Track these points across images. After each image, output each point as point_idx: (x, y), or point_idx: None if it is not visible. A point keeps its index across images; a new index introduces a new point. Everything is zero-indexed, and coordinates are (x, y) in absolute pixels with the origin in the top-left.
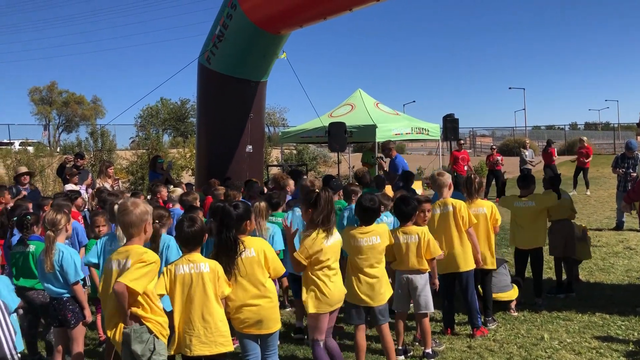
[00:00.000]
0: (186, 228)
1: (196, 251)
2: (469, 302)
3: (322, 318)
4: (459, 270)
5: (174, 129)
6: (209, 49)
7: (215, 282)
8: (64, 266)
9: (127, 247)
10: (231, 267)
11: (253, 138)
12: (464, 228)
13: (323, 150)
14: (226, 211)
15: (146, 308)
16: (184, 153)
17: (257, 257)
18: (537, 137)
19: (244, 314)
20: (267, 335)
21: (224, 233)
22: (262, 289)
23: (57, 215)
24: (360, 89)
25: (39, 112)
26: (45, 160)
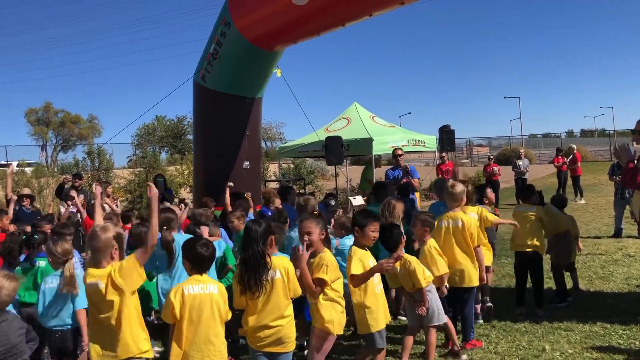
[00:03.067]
0: (201, 250)
1: (206, 273)
2: (465, 316)
3: (333, 340)
4: (462, 286)
5: (171, 146)
6: (204, 67)
7: (222, 305)
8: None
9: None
10: (258, 284)
11: (250, 154)
12: (472, 245)
13: (321, 164)
14: (251, 227)
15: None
16: (181, 170)
17: (282, 279)
18: (534, 146)
19: (264, 333)
20: (282, 354)
21: (251, 248)
22: (283, 309)
23: (65, 245)
24: (356, 103)
25: (35, 132)
26: (44, 181)
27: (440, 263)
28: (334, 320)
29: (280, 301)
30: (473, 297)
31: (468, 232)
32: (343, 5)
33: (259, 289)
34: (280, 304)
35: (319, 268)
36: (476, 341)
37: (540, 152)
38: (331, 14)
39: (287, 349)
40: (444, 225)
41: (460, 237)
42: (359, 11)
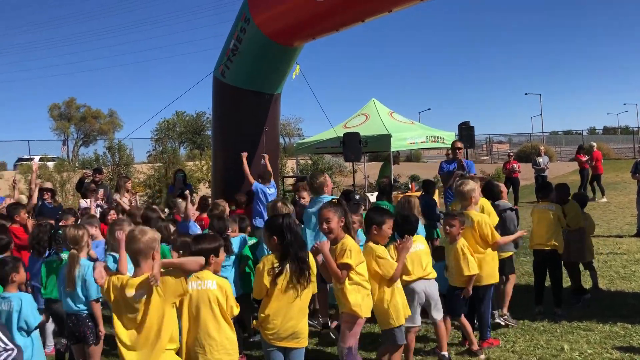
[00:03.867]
0: (192, 247)
1: (206, 269)
2: (482, 315)
3: (362, 323)
4: (476, 284)
5: (190, 141)
6: (224, 62)
7: (223, 300)
8: (88, 281)
9: (136, 279)
10: (305, 272)
11: (268, 150)
12: (489, 243)
13: (338, 160)
14: (290, 222)
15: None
16: (200, 165)
17: (313, 272)
18: (555, 143)
19: (279, 326)
20: (294, 350)
21: (298, 244)
22: (305, 306)
23: (78, 231)
24: (375, 99)
25: (57, 127)
26: (65, 175)
27: (472, 263)
28: (361, 303)
29: (307, 298)
30: (489, 295)
31: (480, 231)
32: (362, 1)
33: (307, 283)
34: (307, 301)
35: (342, 253)
36: (493, 340)
37: (562, 149)
38: (350, 10)
39: (301, 345)
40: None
41: (471, 236)
42: (379, 7)
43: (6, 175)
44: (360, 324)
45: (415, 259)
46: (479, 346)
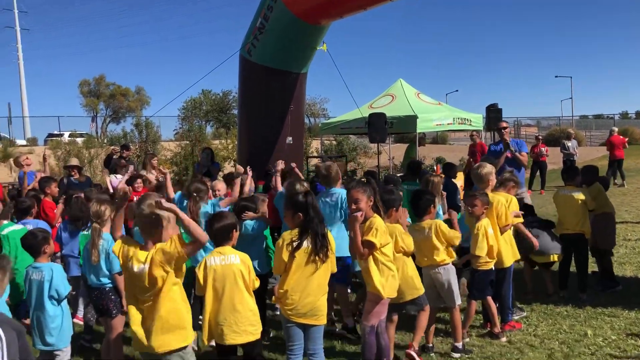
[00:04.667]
0: (211, 226)
1: (227, 244)
2: (502, 297)
3: (386, 303)
4: (498, 267)
5: (216, 120)
6: (250, 41)
7: (247, 273)
8: (111, 255)
9: (142, 252)
10: (325, 247)
11: (293, 129)
12: (500, 225)
13: (363, 141)
14: (312, 199)
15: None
16: (226, 144)
17: (331, 250)
18: (585, 127)
19: (297, 302)
20: (313, 327)
21: (318, 219)
22: (324, 283)
23: (101, 206)
24: (402, 79)
25: (87, 104)
26: (94, 151)
27: (481, 244)
28: (384, 284)
29: (326, 275)
30: (508, 277)
31: (495, 212)
32: None
33: (327, 258)
34: (325, 278)
35: (368, 231)
36: (515, 322)
37: (592, 133)
38: None
39: (320, 322)
40: None
41: (490, 218)
42: None
43: (37, 150)
44: (383, 304)
45: (428, 244)
46: (501, 329)
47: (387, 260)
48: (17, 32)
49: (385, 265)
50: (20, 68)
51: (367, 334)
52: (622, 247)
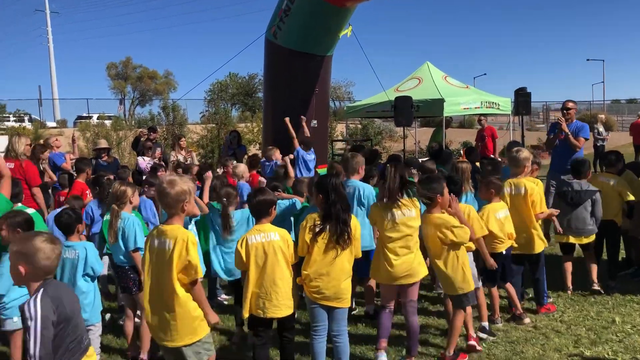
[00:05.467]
0: (252, 199)
1: (266, 221)
2: (538, 281)
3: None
4: (528, 252)
5: (242, 103)
6: (276, 23)
7: (286, 249)
8: (126, 232)
9: (166, 226)
10: (345, 233)
11: (318, 113)
12: (534, 212)
13: (389, 125)
14: (338, 182)
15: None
16: (251, 127)
17: (354, 236)
18: (617, 112)
19: (321, 284)
20: (337, 309)
21: (340, 203)
22: (347, 267)
23: (122, 187)
24: (429, 62)
25: (115, 86)
26: (122, 134)
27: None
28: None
29: (349, 259)
30: (542, 262)
31: (530, 199)
32: None
33: (347, 244)
34: (349, 262)
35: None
36: (550, 305)
37: (624, 118)
38: None
39: (344, 305)
40: (506, 192)
41: (523, 205)
42: None
43: (66, 132)
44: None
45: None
46: (536, 312)
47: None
48: (47, 15)
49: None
50: (50, 51)
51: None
52: None
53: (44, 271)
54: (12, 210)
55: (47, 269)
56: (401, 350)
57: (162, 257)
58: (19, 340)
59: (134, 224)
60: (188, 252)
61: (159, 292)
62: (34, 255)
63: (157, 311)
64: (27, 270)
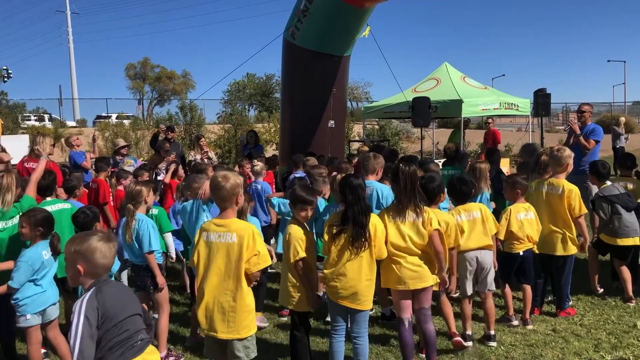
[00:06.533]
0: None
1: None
2: (561, 285)
3: (398, 295)
4: (555, 254)
5: (259, 103)
6: (294, 24)
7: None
8: (140, 234)
9: (225, 220)
10: (361, 237)
11: (335, 113)
12: (573, 215)
13: (406, 126)
14: (357, 184)
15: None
16: (268, 128)
17: (375, 236)
18: (638, 114)
19: (339, 284)
20: (357, 311)
21: (358, 205)
22: (367, 266)
23: (137, 186)
24: (447, 62)
25: (133, 86)
26: (140, 133)
27: (500, 229)
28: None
29: (369, 261)
30: (570, 265)
31: (567, 202)
32: None
33: (362, 248)
34: (368, 263)
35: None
36: (570, 309)
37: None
38: None
39: (364, 307)
40: (543, 191)
41: (559, 205)
42: None
43: (86, 131)
44: (397, 295)
45: (471, 227)
46: (556, 315)
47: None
48: (68, 16)
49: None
50: (70, 51)
51: (399, 327)
52: None
53: (102, 269)
54: (32, 208)
55: (104, 267)
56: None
57: (225, 250)
58: (34, 337)
59: (147, 226)
60: (255, 242)
61: (220, 284)
62: (92, 254)
63: (215, 302)
64: (85, 270)
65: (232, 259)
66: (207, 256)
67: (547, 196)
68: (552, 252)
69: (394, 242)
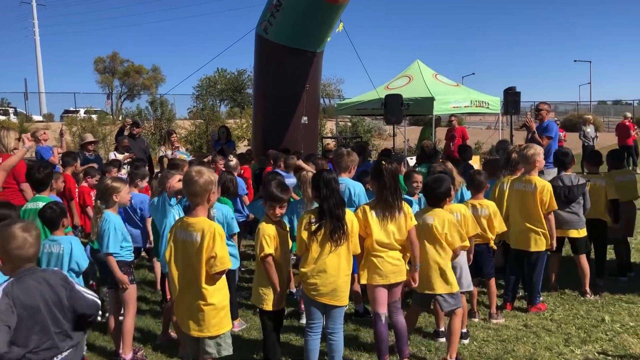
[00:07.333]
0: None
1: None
2: (533, 281)
3: (376, 290)
4: (528, 249)
5: (231, 99)
6: (267, 19)
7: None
8: (103, 235)
9: (193, 218)
10: (342, 236)
11: (308, 109)
12: (544, 211)
13: (378, 123)
14: (331, 177)
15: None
16: (240, 123)
17: (351, 231)
18: (603, 113)
19: (318, 282)
20: (334, 307)
21: (333, 198)
22: (346, 262)
23: (109, 183)
24: (419, 60)
25: (102, 81)
26: (108, 128)
27: (469, 230)
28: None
29: (347, 256)
30: (542, 261)
31: (539, 198)
32: None
33: (342, 240)
34: (346, 258)
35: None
36: (541, 304)
37: (610, 119)
38: None
39: (341, 303)
40: (517, 188)
41: (532, 201)
42: None
43: (53, 126)
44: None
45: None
46: (526, 311)
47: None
48: (33, 8)
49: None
50: (36, 44)
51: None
52: (638, 234)
53: (18, 260)
54: None
55: (20, 258)
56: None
57: (190, 249)
58: None
59: (109, 227)
60: (215, 244)
61: (188, 283)
62: (7, 244)
63: (185, 301)
64: (3, 260)
65: (196, 258)
66: (177, 254)
67: (521, 193)
68: (526, 248)
69: (380, 240)
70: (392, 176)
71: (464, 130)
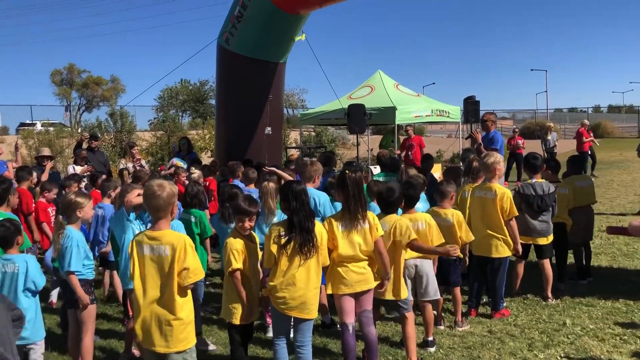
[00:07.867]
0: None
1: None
2: (496, 287)
3: (342, 300)
4: (490, 256)
5: (193, 110)
6: (228, 30)
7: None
8: (64, 252)
9: (157, 232)
10: (312, 249)
11: (272, 120)
12: (505, 218)
13: (342, 133)
14: (300, 189)
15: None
16: (203, 134)
17: (320, 244)
18: (559, 120)
19: (287, 295)
20: (302, 320)
21: (303, 211)
22: (315, 275)
23: (72, 198)
24: (380, 71)
25: (60, 93)
26: (66, 141)
27: (434, 239)
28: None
29: (316, 269)
30: (504, 267)
31: (500, 204)
32: None
33: (311, 253)
34: (316, 271)
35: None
36: (505, 310)
37: (566, 127)
38: None
39: (310, 316)
40: (478, 195)
41: (492, 208)
42: None
43: (8, 139)
44: (339, 300)
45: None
46: (491, 317)
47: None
48: None
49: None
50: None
51: (343, 333)
52: (597, 237)
53: None
54: None
55: None
56: None
57: (158, 264)
58: None
59: (72, 244)
60: (187, 256)
61: (156, 298)
62: None
63: (152, 317)
64: None
65: (165, 272)
66: (142, 270)
67: (481, 200)
68: (488, 255)
69: (344, 253)
70: (356, 185)
71: (421, 139)
